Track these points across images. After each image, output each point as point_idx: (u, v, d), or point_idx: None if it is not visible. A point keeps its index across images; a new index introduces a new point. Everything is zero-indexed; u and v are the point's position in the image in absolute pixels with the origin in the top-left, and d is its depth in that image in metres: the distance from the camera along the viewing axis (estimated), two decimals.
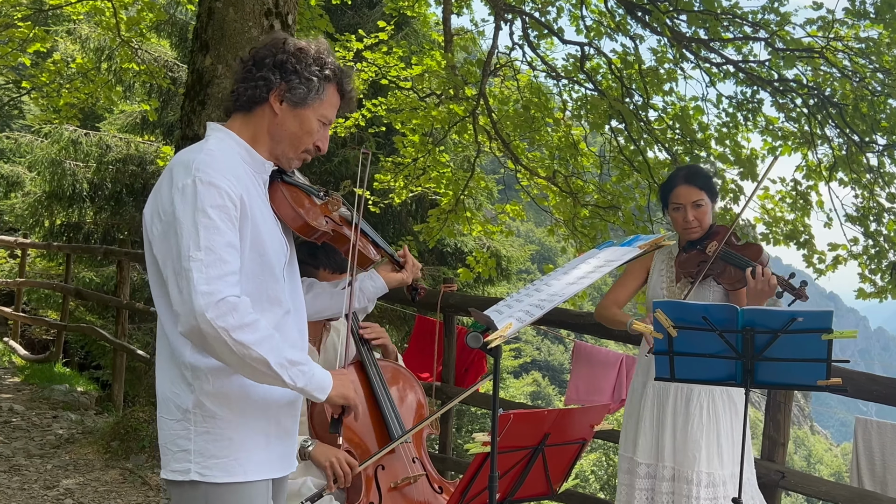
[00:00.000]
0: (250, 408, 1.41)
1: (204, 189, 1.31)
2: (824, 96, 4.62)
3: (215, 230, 1.30)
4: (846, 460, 27.56)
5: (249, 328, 1.29)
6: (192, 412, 1.37)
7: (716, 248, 2.18)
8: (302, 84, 1.44)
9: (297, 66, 1.44)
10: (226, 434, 1.37)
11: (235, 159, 1.41)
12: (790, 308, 1.96)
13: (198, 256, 1.27)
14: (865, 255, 4.93)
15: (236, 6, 3.32)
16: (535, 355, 24.67)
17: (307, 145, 1.49)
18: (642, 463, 2.28)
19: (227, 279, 1.29)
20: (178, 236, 1.30)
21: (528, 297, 1.56)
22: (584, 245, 5.38)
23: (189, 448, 1.37)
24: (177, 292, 1.29)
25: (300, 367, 1.35)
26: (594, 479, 14.67)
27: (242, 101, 1.45)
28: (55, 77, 5.93)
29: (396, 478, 2.11)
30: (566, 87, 5.60)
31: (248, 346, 1.28)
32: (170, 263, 1.31)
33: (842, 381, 1.90)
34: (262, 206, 1.43)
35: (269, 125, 1.46)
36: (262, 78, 1.43)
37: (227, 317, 1.26)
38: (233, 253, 1.32)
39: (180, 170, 1.35)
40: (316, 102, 1.46)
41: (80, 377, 7.04)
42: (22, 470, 3.93)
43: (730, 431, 2.21)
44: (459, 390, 3.74)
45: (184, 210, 1.30)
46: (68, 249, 7.39)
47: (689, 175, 2.28)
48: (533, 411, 1.57)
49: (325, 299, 1.82)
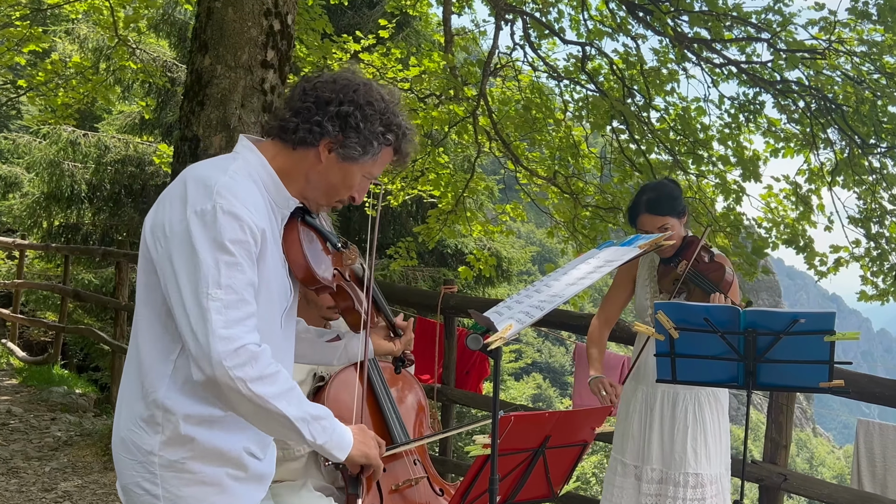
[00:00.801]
0: (221, 456, 1.28)
1: (226, 220, 1.19)
2: (826, 98, 4.62)
3: (237, 268, 1.19)
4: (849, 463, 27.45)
5: (269, 380, 1.19)
6: (158, 455, 1.25)
7: (684, 268, 2.22)
8: (359, 144, 1.31)
9: (360, 123, 1.31)
10: (196, 478, 1.26)
11: (259, 187, 1.29)
12: (791, 310, 1.96)
13: (217, 295, 1.16)
14: (867, 258, 4.93)
15: (235, 6, 3.31)
16: (535, 357, 24.65)
17: (342, 196, 1.37)
18: (630, 464, 2.30)
19: (247, 323, 1.19)
20: (193, 268, 1.18)
21: (528, 299, 1.55)
22: (584, 246, 5.37)
23: (157, 493, 1.25)
24: (189, 333, 1.17)
25: (322, 422, 1.26)
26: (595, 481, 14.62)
27: (290, 137, 1.31)
28: (52, 77, 5.91)
29: (397, 480, 2.11)
30: (567, 87, 5.59)
31: (266, 400, 1.18)
32: (176, 292, 1.19)
33: (844, 382, 1.90)
34: (273, 247, 1.31)
35: (310, 170, 1.33)
36: (318, 124, 1.30)
37: (247, 367, 1.16)
38: (252, 293, 1.22)
39: (200, 189, 1.22)
40: (367, 162, 1.34)
41: (79, 379, 7.01)
42: (20, 472, 3.91)
43: (717, 431, 2.23)
44: (460, 392, 3.73)
45: (202, 240, 1.18)
46: (66, 251, 7.37)
47: (651, 203, 2.25)
48: (534, 413, 1.56)
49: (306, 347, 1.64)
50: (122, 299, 5.91)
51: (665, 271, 2.28)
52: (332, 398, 2.11)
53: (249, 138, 1.36)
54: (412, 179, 6.20)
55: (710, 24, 4.52)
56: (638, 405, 2.32)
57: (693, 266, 2.21)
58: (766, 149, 5.16)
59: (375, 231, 1.57)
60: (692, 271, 2.21)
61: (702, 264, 2.23)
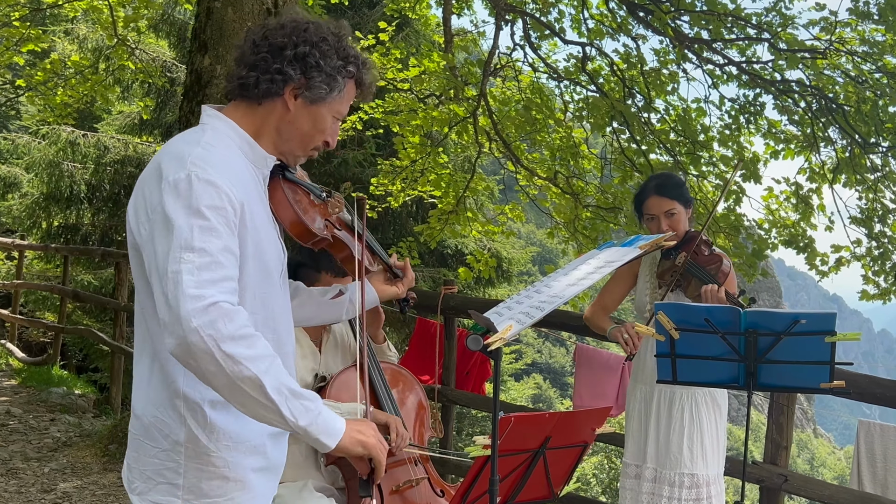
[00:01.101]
0: (246, 444, 1.26)
1: (200, 186, 1.14)
2: (827, 98, 4.61)
3: (211, 231, 1.13)
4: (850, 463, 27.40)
5: (244, 341, 1.10)
6: (185, 446, 1.21)
7: (683, 259, 2.22)
8: (324, 82, 1.28)
9: (320, 60, 1.27)
10: (220, 472, 1.23)
11: (235, 154, 1.26)
12: (792, 310, 1.96)
13: (189, 258, 1.09)
14: (869, 257, 4.92)
15: (235, 6, 3.31)
16: (536, 358, 24.65)
17: (317, 143, 1.34)
18: (631, 464, 2.31)
19: (222, 285, 1.11)
20: (167, 236, 1.12)
21: (529, 299, 1.55)
22: (585, 247, 5.37)
23: (178, 483, 1.22)
24: (162, 299, 1.10)
25: (304, 402, 1.15)
26: (596, 482, 14.62)
27: (252, 93, 1.27)
28: (51, 76, 5.90)
29: (398, 481, 2.10)
30: (567, 88, 5.59)
31: (238, 361, 1.08)
32: (154, 265, 1.14)
33: (845, 383, 1.90)
34: (261, 210, 1.28)
35: (279, 121, 1.30)
36: (279, 71, 1.25)
37: (218, 323, 1.07)
38: (230, 259, 1.15)
39: (172, 162, 1.18)
40: (335, 100, 1.31)
41: (78, 380, 7.01)
42: (19, 473, 3.90)
43: (714, 432, 2.22)
44: (460, 393, 3.73)
45: (175, 207, 1.13)
46: (66, 251, 7.36)
47: (660, 186, 2.29)
48: (534, 414, 1.55)
49: (312, 308, 1.60)
50: (122, 300, 5.90)
51: (665, 264, 2.29)
52: (333, 398, 2.11)
53: (212, 106, 1.32)
54: (412, 180, 6.19)
55: (711, 25, 4.52)
56: (637, 404, 2.33)
57: (692, 258, 2.22)
58: (766, 150, 5.15)
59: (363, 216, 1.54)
60: (690, 262, 2.21)
61: (701, 256, 2.24)
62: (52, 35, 7.62)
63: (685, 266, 2.21)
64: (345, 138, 7.13)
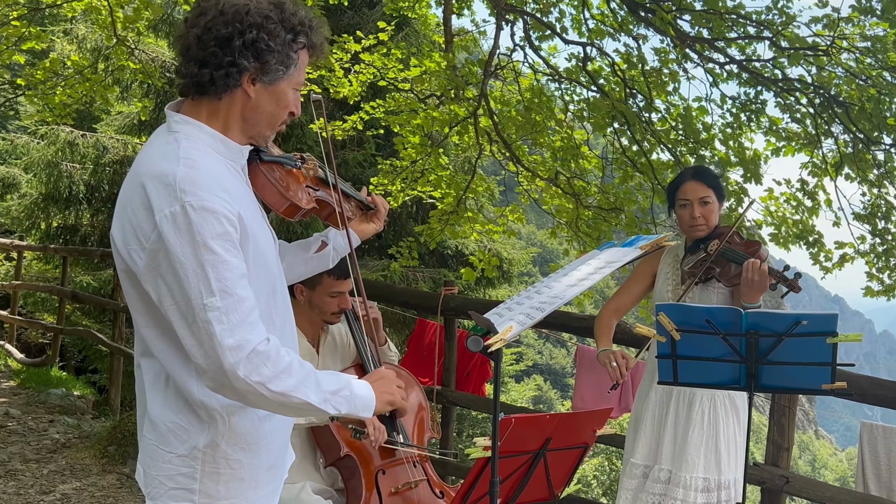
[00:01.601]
0: (261, 444, 1.31)
1: (199, 218, 1.13)
2: (829, 95, 4.59)
3: (224, 266, 1.14)
4: (851, 465, 27.46)
5: (285, 375, 1.17)
6: (203, 451, 1.24)
7: (717, 246, 2.17)
8: (280, 63, 1.25)
9: (270, 42, 1.23)
10: (238, 474, 1.27)
11: (214, 159, 1.23)
12: (794, 311, 1.94)
13: (214, 304, 1.12)
14: (873, 253, 4.89)
15: None
16: (536, 359, 24.65)
17: (283, 118, 1.33)
18: (640, 465, 2.27)
19: (250, 320, 1.16)
20: (180, 278, 1.13)
21: (529, 300, 1.55)
22: (587, 247, 5.35)
23: (194, 488, 1.24)
24: (196, 347, 1.14)
25: (341, 393, 1.26)
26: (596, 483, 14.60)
27: (209, 89, 1.24)
28: (50, 76, 5.89)
29: (398, 482, 2.10)
30: (568, 88, 5.57)
31: (287, 395, 1.18)
32: (173, 306, 1.15)
33: (847, 384, 1.88)
34: (253, 209, 1.29)
35: (243, 109, 1.27)
36: (232, 64, 1.22)
37: (262, 369, 1.15)
38: (246, 284, 1.18)
39: (160, 190, 1.15)
40: (293, 74, 1.29)
41: (77, 381, 6.99)
42: (18, 475, 3.89)
43: (732, 437, 2.19)
44: (460, 394, 3.72)
45: (180, 245, 1.13)
46: (65, 252, 7.35)
47: (697, 172, 2.29)
48: (534, 415, 1.55)
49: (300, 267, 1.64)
50: (121, 301, 5.89)
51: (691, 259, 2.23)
52: None
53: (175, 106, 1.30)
54: (412, 180, 6.18)
55: (712, 24, 4.50)
56: (651, 404, 2.28)
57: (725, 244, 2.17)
58: (767, 147, 5.13)
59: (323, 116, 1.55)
60: (725, 247, 2.16)
61: (735, 244, 2.20)
62: (51, 35, 7.61)
63: (719, 251, 2.16)
64: (345, 138, 7.12)
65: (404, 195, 6.27)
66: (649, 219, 5.19)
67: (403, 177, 6.14)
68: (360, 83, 6.09)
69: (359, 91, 6.14)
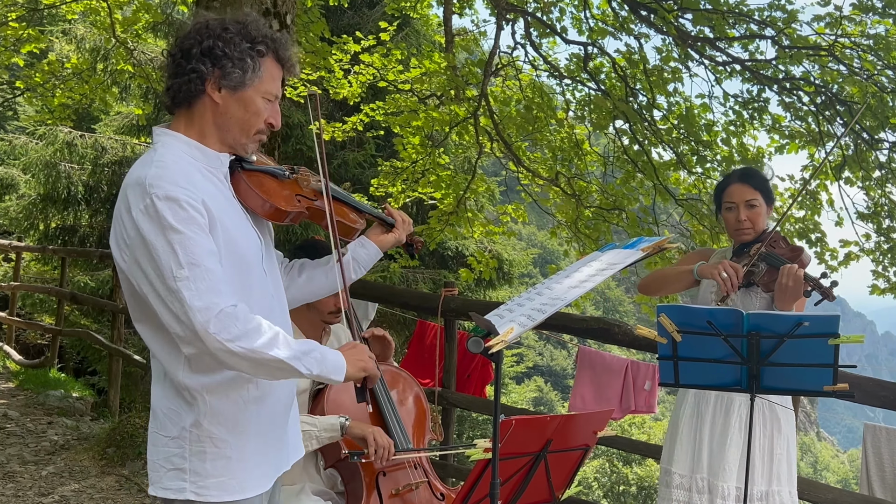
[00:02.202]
0: (247, 425, 1.37)
1: (164, 205, 1.25)
2: (832, 94, 4.58)
3: (191, 241, 1.24)
4: (853, 467, 27.41)
5: (255, 333, 1.26)
6: (189, 430, 1.34)
7: (758, 249, 2.12)
8: (236, 67, 1.36)
9: (225, 48, 1.35)
10: (223, 453, 1.35)
11: (186, 162, 1.34)
12: (799, 313, 1.94)
13: (182, 275, 1.23)
14: (878, 251, 4.87)
15: (233, 6, 3.29)
16: (537, 360, 24.64)
17: (258, 126, 1.42)
18: (676, 474, 2.20)
19: (218, 288, 1.25)
20: (154, 260, 1.24)
21: (530, 301, 1.54)
22: (587, 247, 5.34)
23: (184, 467, 1.33)
24: (171, 317, 1.24)
25: (312, 354, 1.33)
26: (597, 485, 14.61)
27: (180, 98, 1.38)
28: (49, 77, 5.88)
29: (398, 484, 2.09)
30: (569, 87, 5.56)
31: (258, 351, 1.25)
32: (150, 288, 1.26)
33: (849, 386, 1.87)
34: (227, 206, 1.37)
35: (214, 116, 1.39)
36: (193, 70, 1.35)
37: (231, 328, 1.23)
38: (214, 260, 1.27)
39: (136, 191, 1.29)
40: (255, 82, 1.38)
41: (76, 382, 6.97)
42: (16, 477, 3.88)
43: (768, 447, 2.12)
44: (461, 395, 3.71)
45: (152, 231, 1.25)
46: (63, 253, 7.34)
47: (745, 174, 2.23)
48: (535, 417, 1.54)
49: (321, 279, 1.68)
50: (120, 302, 5.88)
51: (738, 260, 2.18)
52: (331, 401, 2.09)
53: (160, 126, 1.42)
54: (413, 181, 6.17)
55: (714, 23, 4.48)
56: (689, 409, 2.21)
57: (768, 248, 2.13)
58: (770, 144, 5.11)
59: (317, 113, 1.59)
60: (767, 251, 2.12)
61: (778, 248, 2.15)
62: (50, 35, 7.60)
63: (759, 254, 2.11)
64: (344, 139, 7.11)
65: (405, 196, 6.27)
66: (651, 219, 5.18)
67: (404, 178, 6.13)
68: (359, 84, 6.08)
69: (359, 92, 6.13)
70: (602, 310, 30.55)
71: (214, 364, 1.30)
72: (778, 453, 2.13)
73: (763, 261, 2.13)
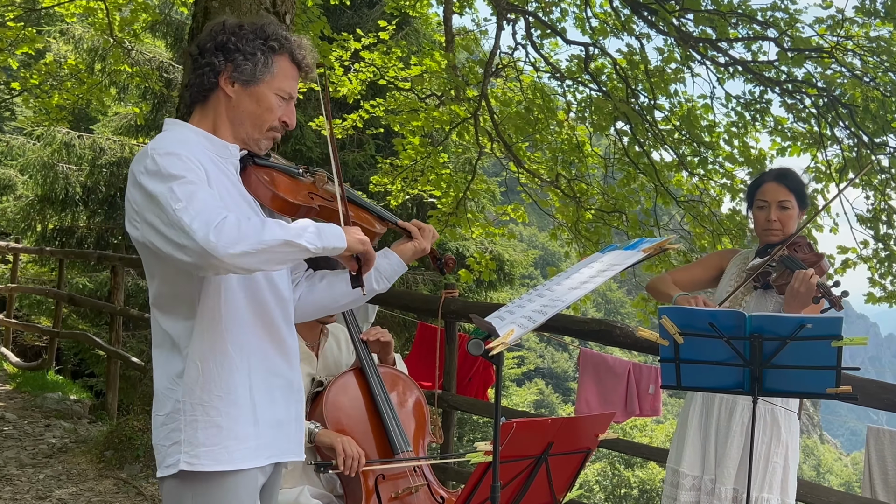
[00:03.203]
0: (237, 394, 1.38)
1: (164, 160, 1.30)
2: (834, 96, 4.57)
3: (189, 183, 1.28)
4: (856, 470, 27.34)
5: (252, 230, 1.26)
6: (183, 402, 1.36)
7: (778, 251, 2.10)
8: (247, 60, 1.41)
9: (237, 43, 1.41)
10: (214, 421, 1.36)
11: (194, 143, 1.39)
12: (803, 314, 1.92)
13: (181, 206, 1.25)
14: (875, 259, 4.87)
15: (233, 6, 3.28)
16: (538, 363, 24.60)
17: (271, 122, 1.45)
18: (688, 475, 2.17)
19: (211, 207, 1.27)
20: (156, 207, 1.27)
21: (531, 303, 1.53)
22: (587, 249, 5.33)
23: (180, 439, 1.35)
24: (177, 247, 1.25)
25: (308, 229, 1.32)
26: (598, 489, 14.59)
27: (195, 92, 1.43)
28: (46, 78, 5.86)
29: (397, 488, 2.08)
30: (570, 88, 5.54)
31: (263, 241, 1.26)
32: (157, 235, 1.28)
33: (852, 388, 1.85)
34: (231, 189, 1.40)
35: (227, 109, 1.43)
36: (207, 64, 1.41)
37: (230, 233, 1.24)
38: (214, 195, 1.30)
39: (139, 159, 1.34)
40: (267, 77, 1.43)
41: (74, 385, 6.95)
42: (14, 480, 3.86)
43: (764, 453, 2.10)
44: (461, 398, 3.69)
45: (152, 183, 1.29)
46: (61, 254, 7.32)
47: (780, 174, 2.19)
48: (536, 420, 1.53)
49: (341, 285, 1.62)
50: (118, 304, 5.86)
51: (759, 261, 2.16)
52: (330, 403, 2.08)
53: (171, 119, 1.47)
54: (412, 180, 6.16)
55: (716, 23, 4.47)
56: (698, 409, 2.20)
57: (790, 251, 2.10)
58: (772, 147, 5.10)
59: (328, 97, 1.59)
60: (787, 254, 2.09)
61: (800, 253, 2.12)
62: (48, 35, 7.58)
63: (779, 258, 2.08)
64: (344, 139, 7.11)
65: (404, 195, 6.26)
66: (652, 221, 5.17)
67: (403, 176, 6.12)
68: (359, 82, 6.07)
69: (358, 90, 6.13)
70: (603, 311, 30.52)
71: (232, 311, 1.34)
72: (774, 461, 2.11)
73: (782, 263, 2.10)
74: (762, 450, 2.11)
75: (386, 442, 2.11)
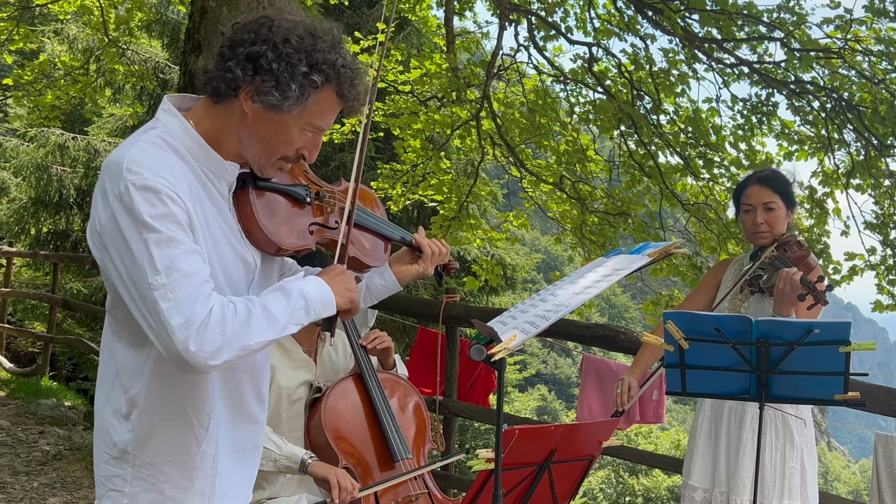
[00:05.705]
0: (189, 465, 1.23)
1: (140, 196, 1.09)
2: (842, 99, 4.54)
3: (168, 243, 1.10)
4: (865, 478, 27.25)
5: (241, 332, 1.12)
6: (132, 454, 1.21)
7: (769, 254, 2.10)
8: (275, 89, 1.15)
9: (272, 63, 1.15)
10: (160, 488, 1.21)
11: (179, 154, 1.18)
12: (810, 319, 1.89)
13: (159, 282, 1.08)
14: (883, 266, 4.83)
15: (230, 5, 3.25)
16: (541, 368, 24.50)
17: (285, 153, 1.23)
18: (698, 488, 2.15)
19: (198, 293, 1.10)
20: (127, 256, 1.10)
21: (533, 308, 1.51)
22: (592, 253, 5.30)
23: (125, 490, 1.21)
24: (150, 331, 1.11)
25: (295, 309, 1.17)
26: (602, 497, 14.52)
27: (211, 87, 1.19)
28: (39, 77, 5.82)
29: (398, 496, 2.06)
30: (573, 90, 5.52)
31: (247, 347, 1.13)
32: (122, 286, 1.12)
33: (860, 395, 1.84)
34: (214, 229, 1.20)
35: (239, 126, 1.20)
36: (228, 70, 1.16)
37: (213, 339, 1.09)
38: (196, 260, 1.12)
39: (112, 172, 1.13)
40: (296, 110, 1.18)
41: (68, 391, 6.89)
42: (7, 488, 3.81)
43: (780, 460, 2.07)
44: (462, 404, 3.65)
45: (127, 226, 1.10)
46: (55, 258, 7.27)
47: (764, 177, 2.20)
48: (539, 427, 1.52)
49: None
50: None
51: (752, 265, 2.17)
52: (329, 409, 2.05)
53: (173, 99, 1.24)
54: (413, 185, 6.13)
55: (722, 24, 4.44)
56: (707, 421, 2.17)
57: (780, 252, 2.10)
58: (780, 151, 5.07)
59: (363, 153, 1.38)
60: (776, 255, 2.10)
61: (789, 252, 2.12)
62: (42, 35, 7.55)
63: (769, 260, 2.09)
64: (343, 141, 7.07)
65: (405, 199, 6.22)
66: (657, 224, 5.14)
67: (404, 181, 6.09)
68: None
69: None
70: (607, 317, 30.40)
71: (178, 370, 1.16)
72: (790, 466, 2.08)
73: (772, 265, 2.11)
74: (777, 456, 2.08)
75: (385, 449, 2.08)
